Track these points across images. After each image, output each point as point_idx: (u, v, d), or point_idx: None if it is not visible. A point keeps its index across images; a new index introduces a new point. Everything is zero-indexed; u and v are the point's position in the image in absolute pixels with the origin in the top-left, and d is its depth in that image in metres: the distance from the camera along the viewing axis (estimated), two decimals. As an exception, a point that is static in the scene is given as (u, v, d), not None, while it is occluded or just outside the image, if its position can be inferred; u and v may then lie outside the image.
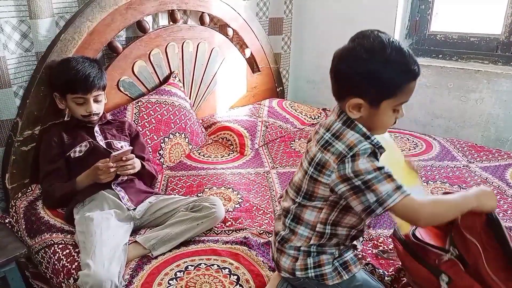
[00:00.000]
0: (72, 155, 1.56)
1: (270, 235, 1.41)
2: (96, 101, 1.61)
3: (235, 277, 1.22)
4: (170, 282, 1.19)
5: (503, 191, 1.68)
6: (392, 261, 1.23)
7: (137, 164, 1.56)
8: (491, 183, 1.75)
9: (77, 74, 1.54)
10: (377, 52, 0.92)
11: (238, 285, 1.19)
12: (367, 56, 0.92)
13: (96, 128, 1.65)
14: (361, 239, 1.20)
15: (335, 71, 1.00)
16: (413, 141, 2.24)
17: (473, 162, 1.97)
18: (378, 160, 0.95)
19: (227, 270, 1.24)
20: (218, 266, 1.26)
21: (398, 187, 0.90)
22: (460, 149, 2.10)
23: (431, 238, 1.03)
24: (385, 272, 1.21)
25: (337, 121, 1.00)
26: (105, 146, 1.62)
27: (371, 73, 0.92)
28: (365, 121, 0.98)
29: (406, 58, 0.93)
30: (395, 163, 1.11)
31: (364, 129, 0.97)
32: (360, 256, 1.14)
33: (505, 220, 1.47)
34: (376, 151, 0.95)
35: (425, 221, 0.93)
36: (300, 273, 1.05)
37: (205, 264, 1.27)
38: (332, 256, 1.05)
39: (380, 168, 0.91)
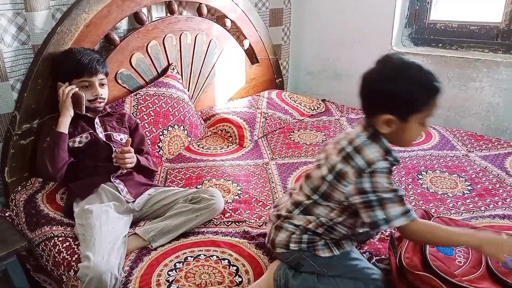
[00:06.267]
0: (70, 144, 1.56)
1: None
2: (101, 85, 1.63)
3: (234, 268, 1.22)
4: (170, 273, 1.20)
5: (503, 180, 1.67)
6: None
7: (133, 159, 1.57)
8: (490, 171, 1.75)
9: (82, 58, 1.59)
10: (402, 72, 1.02)
11: (237, 276, 1.19)
12: (395, 75, 1.02)
13: (97, 120, 1.65)
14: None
15: (367, 90, 1.08)
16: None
17: (473, 151, 1.96)
18: (391, 175, 1.04)
19: (226, 261, 1.25)
20: (217, 257, 1.27)
21: (406, 212, 1.00)
22: (459, 138, 2.10)
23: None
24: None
25: (362, 134, 1.07)
26: (104, 139, 1.61)
27: (399, 91, 1.01)
28: (393, 136, 1.06)
29: (427, 76, 1.02)
30: None
31: (388, 144, 1.06)
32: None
33: (504, 208, 1.47)
34: (391, 170, 1.05)
35: (421, 242, 1.10)
36: (294, 245, 1.13)
37: (204, 255, 1.27)
38: (324, 240, 1.12)
39: (395, 190, 1.01)
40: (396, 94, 1.01)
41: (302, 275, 1.15)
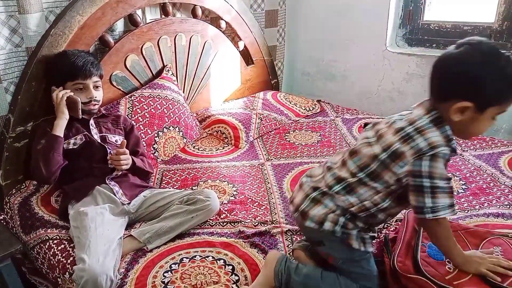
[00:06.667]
0: (65, 146, 1.55)
1: (266, 225, 1.42)
2: (95, 87, 1.63)
3: (230, 267, 1.23)
4: (165, 274, 1.20)
5: (497, 179, 1.68)
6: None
7: (128, 161, 1.57)
8: (484, 170, 1.76)
9: (76, 61, 1.58)
10: (493, 60, 0.97)
11: (233, 275, 1.20)
12: (485, 62, 0.96)
13: (92, 121, 1.64)
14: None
15: (446, 72, 1.02)
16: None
17: (467, 150, 1.97)
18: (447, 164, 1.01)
19: (222, 261, 1.25)
20: (213, 257, 1.27)
21: (452, 205, 0.98)
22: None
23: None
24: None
25: (425, 117, 1.02)
26: (99, 140, 1.61)
27: (487, 79, 0.96)
28: (461, 125, 1.01)
29: None
30: None
31: (450, 132, 1.01)
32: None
33: (498, 206, 1.48)
34: (449, 159, 1.00)
35: (434, 237, 1.07)
36: (330, 225, 1.08)
37: (200, 256, 1.27)
38: (356, 229, 1.09)
39: (449, 179, 0.98)
40: (483, 81, 0.95)
41: (305, 270, 1.14)
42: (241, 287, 1.16)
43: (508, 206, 1.48)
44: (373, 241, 1.26)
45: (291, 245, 1.32)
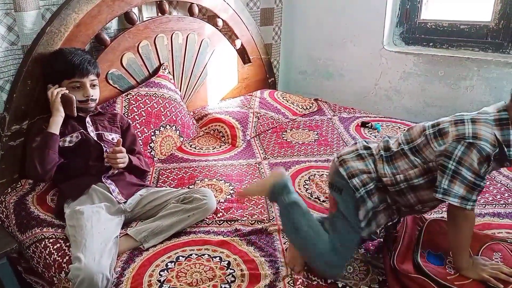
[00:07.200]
0: (61, 144, 1.54)
1: (262, 223, 1.42)
2: (92, 85, 1.62)
3: (226, 262, 1.23)
4: (161, 273, 1.20)
5: (493, 177, 1.69)
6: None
7: (125, 159, 1.56)
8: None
9: (73, 59, 1.57)
10: None
11: (228, 269, 1.20)
12: None
13: (88, 119, 1.63)
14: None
15: None
16: (405, 129, 2.24)
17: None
18: (489, 165, 0.99)
19: (217, 258, 1.25)
20: (209, 255, 1.27)
21: (467, 198, 0.98)
22: (451, 137, 2.11)
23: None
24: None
25: (491, 114, 1.03)
26: (95, 138, 1.60)
27: None
28: None
29: None
30: None
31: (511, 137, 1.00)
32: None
33: (494, 205, 1.48)
34: (491, 158, 0.98)
35: (455, 228, 1.06)
36: (357, 183, 1.12)
37: (196, 254, 1.27)
38: (375, 204, 1.12)
39: (479, 176, 0.98)
40: None
41: (297, 198, 1.19)
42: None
43: (504, 206, 1.48)
44: (372, 237, 1.28)
45: (288, 242, 1.31)
